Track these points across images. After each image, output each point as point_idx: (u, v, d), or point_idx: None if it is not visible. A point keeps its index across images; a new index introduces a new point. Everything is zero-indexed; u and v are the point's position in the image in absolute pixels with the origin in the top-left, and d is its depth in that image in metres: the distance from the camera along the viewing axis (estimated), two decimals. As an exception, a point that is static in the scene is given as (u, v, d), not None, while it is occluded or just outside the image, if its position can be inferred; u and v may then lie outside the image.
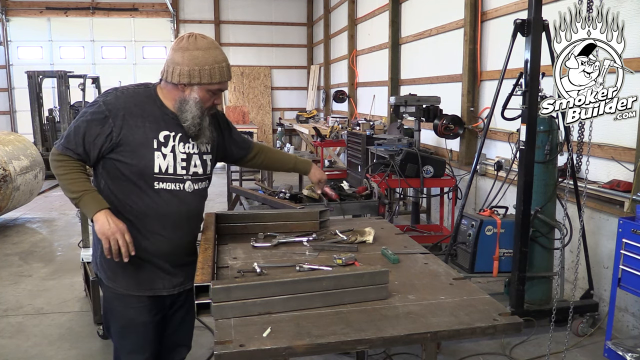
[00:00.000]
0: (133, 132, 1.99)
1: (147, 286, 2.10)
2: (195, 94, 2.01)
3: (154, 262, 2.10)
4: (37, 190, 7.20)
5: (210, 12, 14.34)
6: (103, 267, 2.11)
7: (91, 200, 1.96)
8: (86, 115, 1.99)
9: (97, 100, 2.03)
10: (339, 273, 1.72)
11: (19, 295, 4.42)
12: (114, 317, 2.16)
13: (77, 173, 2.00)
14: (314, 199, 3.78)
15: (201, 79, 1.98)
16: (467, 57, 5.86)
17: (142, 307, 2.11)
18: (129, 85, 2.11)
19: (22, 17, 13.64)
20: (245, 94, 14.67)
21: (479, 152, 3.97)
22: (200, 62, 1.97)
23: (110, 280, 2.10)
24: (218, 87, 2.03)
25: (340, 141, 9.02)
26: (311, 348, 1.44)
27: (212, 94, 2.04)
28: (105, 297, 2.18)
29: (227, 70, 2.03)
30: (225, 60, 2.04)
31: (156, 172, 2.01)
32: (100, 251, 2.02)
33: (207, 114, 2.08)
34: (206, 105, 2.05)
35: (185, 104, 2.02)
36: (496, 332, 1.59)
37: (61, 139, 2.03)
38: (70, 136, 1.98)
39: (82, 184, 1.98)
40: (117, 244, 1.91)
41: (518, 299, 3.48)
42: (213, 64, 1.98)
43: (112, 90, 2.06)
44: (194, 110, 2.02)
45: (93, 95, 12.02)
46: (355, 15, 10.91)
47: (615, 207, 3.68)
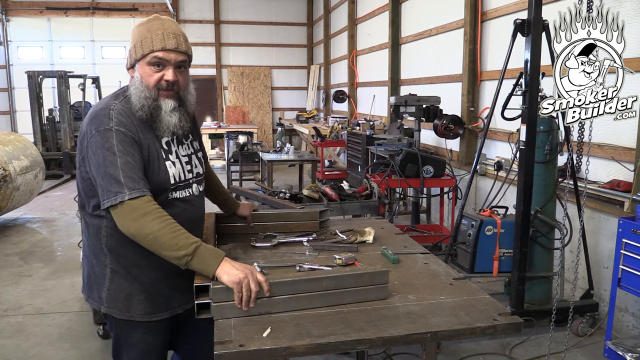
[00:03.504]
0: (148, 147, 1.78)
1: (164, 308, 1.91)
2: (137, 73, 1.78)
3: (169, 282, 1.89)
4: (37, 190, 7.20)
5: (210, 12, 14.36)
6: (112, 300, 1.84)
7: (206, 252, 1.64)
8: (114, 148, 1.66)
9: (106, 129, 1.69)
10: (339, 273, 1.72)
11: (19, 295, 4.42)
12: (131, 346, 1.91)
13: (173, 222, 1.65)
14: (314, 199, 3.78)
15: (136, 54, 1.76)
16: (467, 57, 5.86)
17: (161, 329, 1.93)
18: (108, 101, 1.80)
19: (22, 17, 13.65)
20: (245, 94, 14.67)
21: (479, 152, 3.97)
22: (136, 37, 1.77)
23: (122, 312, 1.85)
24: (153, 56, 1.74)
25: (340, 141, 9.02)
26: (311, 348, 1.44)
27: (155, 69, 1.76)
28: (118, 328, 1.90)
29: (162, 38, 1.74)
30: (162, 28, 1.76)
31: (172, 183, 1.83)
32: (108, 283, 1.83)
33: (161, 94, 1.78)
34: (150, 82, 1.76)
35: (131, 88, 1.78)
36: (496, 332, 1.59)
37: (118, 185, 1.62)
38: (126, 175, 1.63)
39: (185, 235, 1.64)
40: (248, 289, 1.57)
41: (518, 299, 3.48)
42: (146, 34, 1.75)
43: (104, 112, 1.73)
44: (138, 92, 1.75)
45: (93, 95, 12.06)
46: (355, 15, 10.91)
47: (615, 207, 3.68)
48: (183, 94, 1.85)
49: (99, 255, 1.85)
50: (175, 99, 1.82)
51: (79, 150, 1.80)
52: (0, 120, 13.64)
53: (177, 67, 1.80)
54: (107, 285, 1.84)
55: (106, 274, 1.84)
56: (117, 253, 1.82)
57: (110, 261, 1.84)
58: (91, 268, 1.88)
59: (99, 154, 1.67)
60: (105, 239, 1.82)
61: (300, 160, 7.72)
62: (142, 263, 1.83)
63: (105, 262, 1.84)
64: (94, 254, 1.86)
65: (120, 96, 1.82)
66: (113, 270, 1.84)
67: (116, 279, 1.84)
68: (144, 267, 1.84)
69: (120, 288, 1.84)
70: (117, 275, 1.84)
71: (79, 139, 1.81)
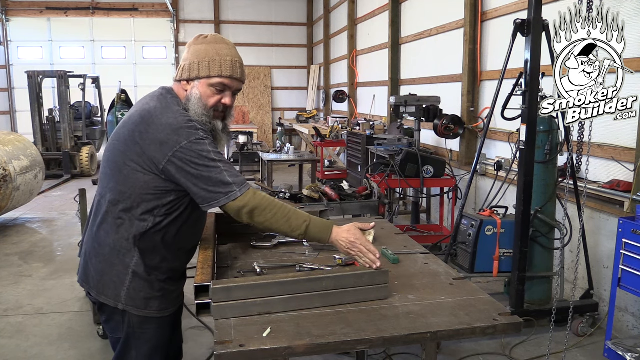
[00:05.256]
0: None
1: (175, 303, 2.00)
2: (196, 90, 1.87)
3: (179, 281, 2.02)
4: (37, 190, 7.20)
5: (210, 12, 14.35)
6: (130, 298, 1.87)
7: (317, 223, 1.87)
8: (211, 154, 1.76)
9: (198, 139, 1.76)
10: (339, 273, 1.72)
11: (19, 295, 4.42)
12: (142, 342, 1.94)
13: (281, 205, 1.85)
14: (314, 199, 3.78)
15: (200, 72, 1.86)
16: (467, 57, 5.86)
17: (169, 323, 1.99)
18: (179, 110, 1.84)
19: (22, 17, 13.65)
20: (245, 94, 14.67)
21: (479, 152, 3.97)
22: (201, 55, 1.86)
23: (139, 308, 1.88)
24: (219, 81, 1.86)
25: (340, 141, 9.02)
26: (311, 348, 1.44)
27: (215, 91, 1.87)
28: (131, 326, 1.91)
29: (231, 66, 1.87)
30: (231, 55, 1.88)
31: None
32: (129, 284, 1.86)
33: (214, 115, 1.90)
34: (209, 102, 1.87)
35: (188, 102, 1.87)
36: (496, 332, 1.59)
37: (225, 185, 1.76)
38: (230, 174, 1.77)
39: (297, 214, 1.86)
40: (365, 250, 1.80)
41: (518, 299, 3.48)
42: (214, 56, 1.85)
43: (188, 124, 1.79)
44: (196, 108, 1.85)
45: (93, 95, 12.05)
46: (355, 15, 10.91)
47: (615, 207, 3.68)
48: (228, 116, 1.98)
49: (124, 256, 1.86)
50: (222, 120, 1.95)
51: (143, 154, 1.78)
52: (0, 120, 13.64)
53: (233, 93, 1.93)
54: (127, 285, 1.87)
55: (127, 275, 1.86)
56: (146, 255, 1.86)
57: (135, 263, 1.86)
58: (109, 267, 1.88)
59: (197, 162, 1.75)
60: (140, 242, 1.85)
61: (300, 160, 7.72)
62: (163, 265, 1.90)
63: (130, 264, 1.86)
64: (119, 254, 1.86)
65: (181, 106, 1.87)
66: (134, 272, 1.86)
67: (136, 280, 1.87)
68: (162, 268, 1.90)
69: (139, 288, 1.88)
70: (137, 277, 1.87)
71: (147, 142, 1.77)
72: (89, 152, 10.45)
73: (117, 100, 11.49)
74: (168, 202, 1.84)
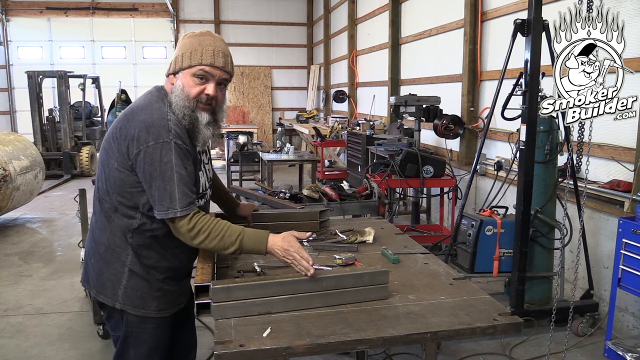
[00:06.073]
0: (194, 157, 1.86)
1: (174, 304, 1.99)
2: (179, 81, 1.83)
3: (179, 281, 2.01)
4: (37, 190, 7.20)
5: (210, 12, 14.35)
6: (128, 297, 1.88)
7: (251, 236, 1.82)
8: (172, 162, 1.73)
9: (165, 142, 1.73)
10: (339, 273, 1.72)
11: (19, 295, 4.42)
12: (140, 341, 1.94)
13: (215, 224, 1.79)
14: (314, 199, 3.78)
15: (182, 63, 1.82)
16: (467, 57, 5.86)
17: (168, 324, 1.99)
18: (161, 108, 1.82)
19: (22, 17, 13.65)
20: (245, 94, 14.67)
21: (479, 152, 3.97)
22: (186, 47, 1.83)
23: (138, 308, 1.89)
24: (199, 69, 1.80)
25: (340, 141, 9.02)
26: (311, 348, 1.44)
27: (198, 81, 1.82)
28: (129, 325, 1.92)
29: (212, 54, 1.81)
30: (214, 45, 1.83)
31: (200, 192, 1.91)
32: (125, 282, 1.87)
33: (198, 106, 1.84)
34: (191, 93, 1.81)
35: (172, 94, 1.83)
36: (496, 332, 1.60)
37: (170, 201, 1.72)
38: (180, 191, 1.73)
39: (230, 230, 1.80)
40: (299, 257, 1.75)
41: (518, 299, 3.48)
42: (197, 47, 1.81)
43: (162, 122, 1.76)
44: (178, 99, 1.81)
45: (93, 95, 12.06)
46: (355, 15, 10.91)
47: (615, 207, 3.68)
48: (217, 110, 1.91)
49: (119, 254, 1.87)
50: (210, 113, 1.88)
51: (119, 151, 1.78)
52: (0, 120, 13.63)
53: (218, 83, 1.87)
54: (124, 284, 1.87)
55: (124, 273, 1.87)
56: (141, 253, 1.87)
57: (130, 261, 1.87)
58: (106, 266, 1.89)
59: (156, 166, 1.73)
60: (132, 239, 1.85)
61: (300, 160, 7.72)
62: (161, 264, 1.90)
63: (125, 262, 1.87)
64: (114, 252, 1.87)
65: (166, 101, 1.84)
66: (131, 271, 1.87)
67: (133, 279, 1.87)
68: (160, 267, 1.90)
69: (137, 287, 1.88)
70: (134, 275, 1.87)
71: (122, 138, 1.77)
72: (89, 152, 10.45)
73: (117, 100, 11.48)
74: (147, 199, 1.81)
